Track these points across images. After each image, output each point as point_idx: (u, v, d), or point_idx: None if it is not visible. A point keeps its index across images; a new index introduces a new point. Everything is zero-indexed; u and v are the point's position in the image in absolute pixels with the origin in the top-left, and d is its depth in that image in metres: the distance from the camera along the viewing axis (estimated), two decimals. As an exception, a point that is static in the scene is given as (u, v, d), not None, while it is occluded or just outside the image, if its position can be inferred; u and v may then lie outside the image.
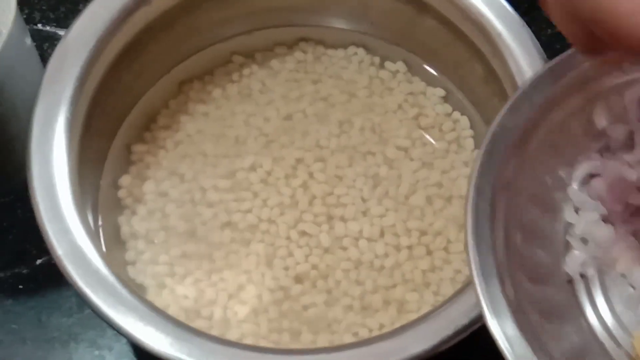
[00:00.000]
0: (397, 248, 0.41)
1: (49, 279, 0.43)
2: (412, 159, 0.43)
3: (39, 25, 0.51)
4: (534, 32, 0.40)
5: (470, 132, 0.44)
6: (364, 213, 0.42)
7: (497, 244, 0.31)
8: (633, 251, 0.33)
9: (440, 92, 0.45)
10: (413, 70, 0.46)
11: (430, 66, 0.46)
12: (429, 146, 0.44)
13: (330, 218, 0.42)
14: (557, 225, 0.34)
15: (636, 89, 0.34)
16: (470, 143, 0.44)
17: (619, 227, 0.34)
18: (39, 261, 0.44)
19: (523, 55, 0.40)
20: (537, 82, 0.34)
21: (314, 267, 0.41)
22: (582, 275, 0.33)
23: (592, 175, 0.35)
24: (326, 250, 0.41)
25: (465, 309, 0.33)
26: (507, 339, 0.29)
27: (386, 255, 0.41)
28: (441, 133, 0.44)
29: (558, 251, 0.34)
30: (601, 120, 0.35)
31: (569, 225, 0.34)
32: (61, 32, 0.50)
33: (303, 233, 0.41)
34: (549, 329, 0.31)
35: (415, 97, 0.45)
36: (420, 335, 0.33)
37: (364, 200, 0.42)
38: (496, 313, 0.29)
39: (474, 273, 0.30)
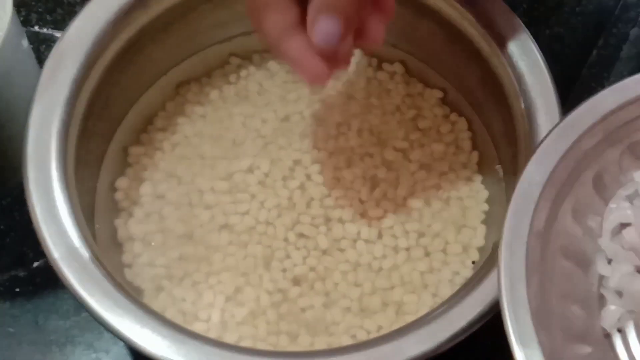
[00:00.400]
0: (395, 250, 0.41)
1: (46, 282, 0.43)
2: (410, 161, 0.43)
3: (36, 28, 0.51)
4: (532, 33, 0.40)
5: (468, 133, 0.44)
6: (362, 215, 0.42)
7: (532, 301, 0.30)
8: None
9: (438, 93, 0.45)
10: (411, 71, 0.46)
11: (428, 67, 0.46)
12: (427, 148, 0.44)
13: (328, 220, 0.42)
14: (590, 278, 0.34)
15: None
16: (468, 145, 0.44)
17: None
18: (36, 264, 0.44)
19: (521, 57, 0.40)
20: (561, 132, 0.33)
21: (312, 269, 0.40)
22: (619, 330, 0.33)
23: (623, 225, 0.34)
24: (324, 252, 0.41)
25: (464, 311, 0.33)
26: None
27: (384, 257, 0.41)
28: (439, 135, 0.44)
29: (593, 305, 0.33)
30: (629, 167, 0.35)
31: (603, 277, 0.33)
32: (58, 35, 0.50)
33: (301, 235, 0.41)
34: None
35: (413, 98, 0.45)
36: (418, 337, 0.33)
37: (361, 202, 0.42)
38: None
39: (512, 338, 0.29)
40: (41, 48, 0.50)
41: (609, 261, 0.34)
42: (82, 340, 0.42)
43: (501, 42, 0.40)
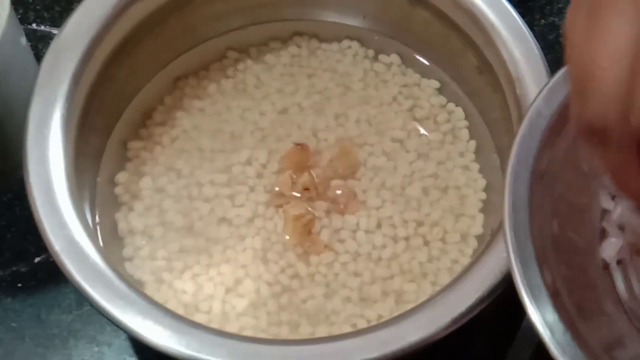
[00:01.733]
0: (395, 239, 0.41)
1: (48, 276, 0.43)
2: (407, 151, 0.44)
3: (34, 25, 0.51)
4: (527, 22, 0.40)
5: (465, 122, 0.44)
6: (362, 204, 0.42)
7: (534, 231, 0.30)
8: None
9: (435, 83, 0.45)
10: (407, 62, 0.46)
11: (424, 58, 0.46)
12: (424, 137, 0.44)
13: (327, 211, 0.42)
14: (593, 212, 0.34)
15: None
16: (465, 134, 0.44)
17: None
18: (37, 259, 0.44)
19: (517, 46, 0.40)
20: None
21: (312, 260, 0.41)
22: (619, 262, 0.33)
23: None
24: (324, 244, 0.41)
25: (462, 297, 0.34)
26: (547, 325, 0.29)
27: (384, 246, 0.41)
28: (436, 124, 0.44)
29: (594, 238, 0.33)
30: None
31: (605, 212, 0.34)
32: (56, 32, 0.49)
33: (300, 226, 0.41)
34: (587, 315, 0.30)
35: (410, 89, 0.45)
36: (418, 323, 0.33)
37: (360, 192, 0.42)
38: (535, 299, 0.29)
39: (512, 259, 0.30)
40: (39, 45, 0.50)
41: (613, 197, 0.34)
42: (85, 333, 0.42)
43: (495, 31, 0.40)
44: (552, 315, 0.29)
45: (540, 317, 0.29)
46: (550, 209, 0.32)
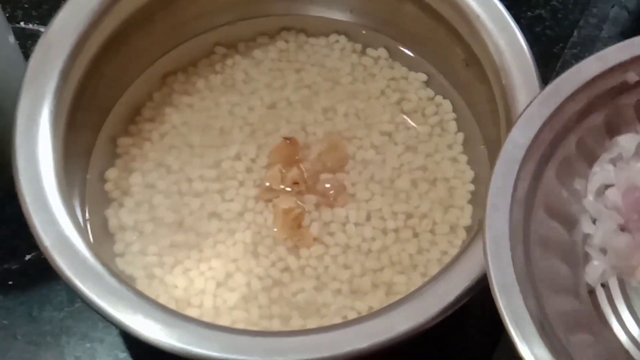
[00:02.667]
0: (384, 231, 0.41)
1: (39, 274, 0.44)
2: (396, 144, 0.44)
3: (22, 24, 0.51)
4: (513, 15, 0.41)
5: (452, 115, 0.45)
6: (351, 197, 0.42)
7: (516, 259, 0.31)
8: None
9: (422, 76, 0.46)
10: (394, 55, 0.46)
11: (411, 51, 0.46)
12: (413, 130, 0.44)
13: (317, 205, 0.42)
14: (575, 237, 0.34)
15: None
16: (453, 126, 0.44)
17: (637, 235, 0.33)
18: (28, 256, 0.44)
19: (503, 38, 0.40)
20: (545, 98, 0.34)
21: (302, 253, 0.41)
22: (603, 285, 0.33)
23: (606, 186, 0.35)
24: (314, 237, 0.41)
25: (451, 287, 0.34)
26: (535, 356, 0.29)
27: (373, 239, 0.41)
28: (424, 117, 0.45)
29: (578, 263, 0.34)
30: (613, 132, 0.35)
31: (587, 236, 0.34)
32: (44, 30, 0.50)
33: (290, 219, 0.41)
34: (575, 340, 0.31)
35: (398, 82, 0.46)
36: (407, 313, 0.33)
37: (350, 184, 0.42)
38: (519, 327, 0.29)
39: (495, 289, 0.30)
40: (27, 44, 0.50)
41: (594, 221, 0.34)
42: (77, 330, 0.43)
43: (481, 24, 0.40)
44: (540, 347, 0.29)
45: (528, 350, 0.29)
46: (532, 236, 0.32)
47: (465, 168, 0.43)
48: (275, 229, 0.41)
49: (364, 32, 0.47)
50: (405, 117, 0.45)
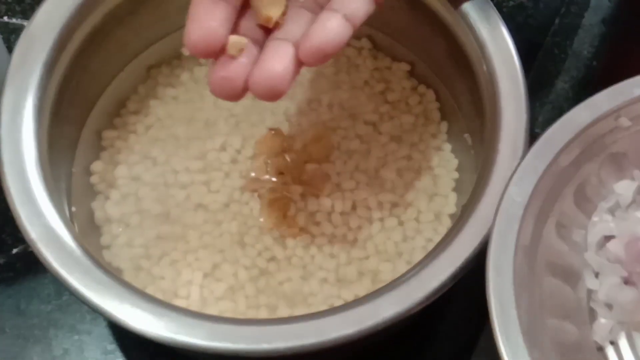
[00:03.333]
0: (370, 220, 0.42)
1: (26, 267, 0.44)
2: (380, 133, 0.44)
3: (5, 18, 0.51)
4: (496, 4, 0.41)
5: (436, 104, 0.45)
6: (336, 187, 0.42)
7: (523, 321, 0.30)
8: None
9: (405, 66, 0.46)
10: (378, 46, 0.47)
11: (395, 42, 0.46)
12: (397, 120, 0.44)
13: (302, 195, 0.42)
14: (579, 293, 0.34)
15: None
16: (436, 115, 0.45)
17: None
18: (15, 250, 0.44)
19: (485, 27, 0.40)
20: (538, 151, 0.34)
21: (288, 243, 0.41)
22: (612, 342, 0.33)
23: (606, 237, 0.34)
24: (300, 227, 0.41)
25: (436, 272, 0.34)
26: None
27: (359, 227, 0.41)
28: (408, 107, 0.45)
29: (584, 320, 0.33)
30: (609, 179, 0.35)
31: (591, 291, 0.34)
32: (28, 24, 0.50)
33: (276, 210, 0.42)
34: None
35: (381, 72, 0.46)
36: (392, 299, 0.33)
37: (335, 174, 0.43)
38: None
39: (505, 358, 0.29)
40: (11, 38, 0.50)
41: (596, 274, 0.34)
42: (65, 323, 0.43)
43: (463, 12, 0.41)
44: None
45: None
46: (537, 297, 0.32)
47: (450, 156, 0.44)
48: (261, 219, 0.42)
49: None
50: (389, 107, 0.45)
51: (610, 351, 0.33)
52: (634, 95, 0.35)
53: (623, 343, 0.33)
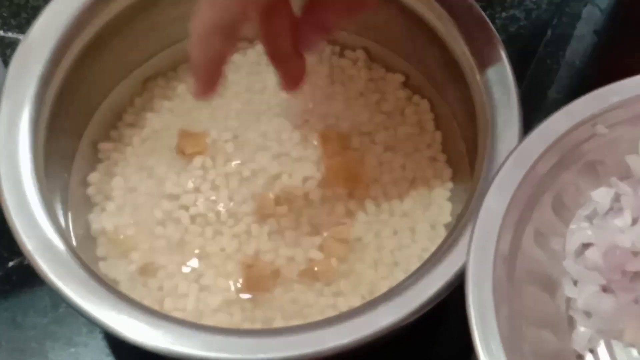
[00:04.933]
0: (365, 230, 0.42)
1: (22, 280, 0.44)
2: (375, 143, 0.44)
3: (1, 32, 0.51)
4: (488, 15, 0.41)
5: (431, 114, 0.45)
6: (331, 197, 0.42)
7: (503, 331, 0.30)
8: (639, 319, 0.33)
9: (400, 77, 0.46)
10: (373, 57, 0.47)
11: (390, 52, 0.47)
12: (392, 130, 0.45)
13: (297, 206, 0.42)
14: (558, 301, 0.34)
15: (617, 151, 0.35)
16: (431, 125, 0.45)
17: (621, 296, 0.33)
18: (11, 263, 0.44)
19: (479, 38, 0.41)
20: (516, 160, 0.34)
21: (283, 253, 0.41)
22: (592, 351, 0.33)
23: (585, 245, 0.34)
24: (295, 241, 0.41)
25: (432, 281, 0.34)
26: None
27: (354, 237, 0.42)
28: (403, 117, 0.45)
29: (564, 328, 0.33)
30: (586, 187, 0.35)
31: (570, 299, 0.34)
32: (23, 38, 0.50)
33: (271, 222, 0.42)
34: None
35: (376, 83, 0.46)
36: (388, 308, 0.33)
37: (330, 185, 0.43)
38: None
39: None
40: (7, 52, 0.50)
41: (575, 283, 0.34)
42: (61, 335, 0.43)
43: (457, 24, 0.41)
44: None
45: None
46: (516, 307, 0.32)
47: (444, 166, 0.44)
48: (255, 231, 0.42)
49: (342, 35, 0.47)
50: (384, 117, 0.45)
51: (589, 359, 0.33)
52: (610, 103, 0.35)
53: (602, 351, 0.33)
